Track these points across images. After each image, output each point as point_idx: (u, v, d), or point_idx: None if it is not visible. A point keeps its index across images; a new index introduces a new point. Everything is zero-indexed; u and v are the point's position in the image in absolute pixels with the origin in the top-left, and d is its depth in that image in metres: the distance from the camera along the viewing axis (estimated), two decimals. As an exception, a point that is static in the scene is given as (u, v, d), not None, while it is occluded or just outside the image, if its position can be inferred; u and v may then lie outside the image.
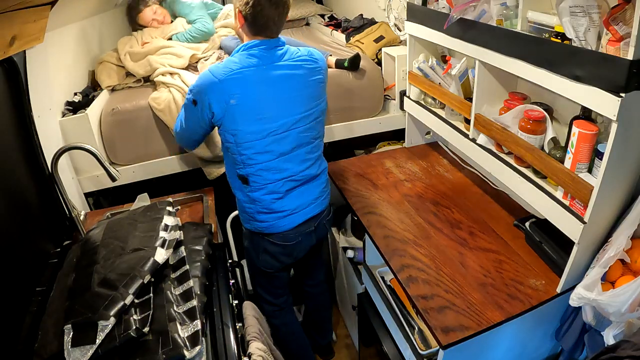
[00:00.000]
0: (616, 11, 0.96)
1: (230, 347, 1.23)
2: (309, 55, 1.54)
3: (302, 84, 1.49)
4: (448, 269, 1.44)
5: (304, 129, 1.53)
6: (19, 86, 1.50)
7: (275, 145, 1.48)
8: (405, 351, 1.49)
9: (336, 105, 2.10)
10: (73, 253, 1.40)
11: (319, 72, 1.55)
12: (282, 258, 1.70)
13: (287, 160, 1.53)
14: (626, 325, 1.06)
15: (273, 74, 1.42)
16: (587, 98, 1.05)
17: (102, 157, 1.55)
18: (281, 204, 1.57)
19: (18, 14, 1.27)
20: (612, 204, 1.16)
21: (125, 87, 2.13)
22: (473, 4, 1.42)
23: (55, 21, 1.60)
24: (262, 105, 1.42)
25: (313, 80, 1.53)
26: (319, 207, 1.67)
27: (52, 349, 1.06)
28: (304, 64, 1.50)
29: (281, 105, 1.45)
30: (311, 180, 1.62)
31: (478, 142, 1.55)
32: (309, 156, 1.59)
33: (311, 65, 1.52)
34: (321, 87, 1.57)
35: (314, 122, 1.56)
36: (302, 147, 1.55)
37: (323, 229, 1.75)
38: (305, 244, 1.71)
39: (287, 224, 1.61)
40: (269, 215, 1.58)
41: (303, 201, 1.61)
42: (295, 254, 1.72)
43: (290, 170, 1.54)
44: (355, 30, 2.49)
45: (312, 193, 1.64)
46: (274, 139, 1.47)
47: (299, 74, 1.48)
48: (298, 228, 1.63)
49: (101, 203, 2.10)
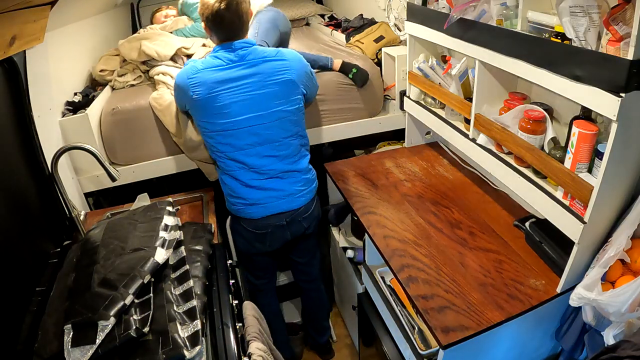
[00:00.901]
0: (616, 11, 0.96)
1: (230, 347, 1.23)
2: (276, 54, 1.58)
3: (262, 84, 1.55)
4: (448, 269, 1.44)
5: (263, 127, 1.58)
6: (19, 86, 1.50)
7: (233, 139, 1.59)
8: (405, 351, 1.49)
9: (336, 105, 2.10)
10: (73, 253, 1.40)
11: (286, 71, 1.57)
12: (256, 244, 1.79)
13: (246, 155, 1.62)
14: (626, 325, 1.06)
15: (233, 73, 1.52)
16: (587, 98, 1.05)
17: (102, 157, 1.56)
18: (246, 192, 1.66)
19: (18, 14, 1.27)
20: (612, 204, 1.16)
21: (126, 87, 2.13)
22: (473, 4, 1.42)
23: (55, 21, 1.60)
24: (219, 102, 1.53)
25: (277, 80, 1.56)
26: (291, 203, 1.70)
27: (52, 349, 1.06)
28: (266, 63, 1.55)
29: (238, 103, 1.54)
30: (281, 175, 1.67)
31: (478, 142, 1.55)
32: (275, 153, 1.63)
33: (275, 65, 1.56)
34: (289, 87, 1.58)
35: (278, 121, 1.59)
36: (264, 145, 1.61)
37: (298, 225, 1.77)
38: (277, 236, 1.76)
39: (254, 212, 1.69)
40: (236, 199, 1.69)
41: (270, 194, 1.67)
42: (269, 243, 1.78)
43: (251, 164, 1.62)
44: (355, 30, 2.49)
45: (282, 188, 1.68)
46: (231, 133, 1.57)
47: (259, 73, 1.54)
48: (267, 219, 1.70)
49: (101, 203, 2.10)
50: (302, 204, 1.74)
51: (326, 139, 2.17)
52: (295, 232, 1.79)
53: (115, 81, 2.13)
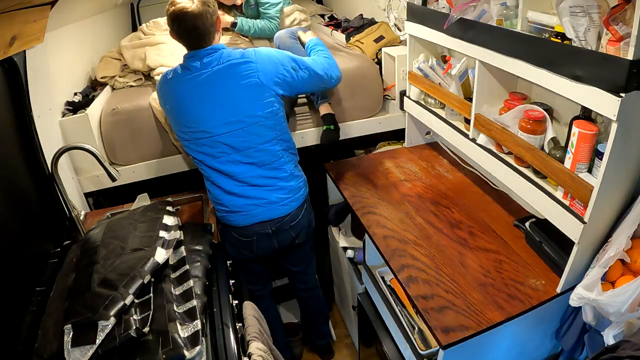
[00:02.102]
0: (616, 11, 0.96)
1: (230, 347, 1.23)
2: (241, 56, 1.50)
3: (227, 90, 1.49)
4: (448, 269, 1.44)
5: (235, 135, 1.53)
6: (19, 86, 1.49)
7: (206, 148, 1.56)
8: (405, 351, 1.49)
9: (336, 105, 2.09)
10: (73, 253, 1.40)
11: (252, 74, 1.49)
12: (243, 251, 1.76)
13: (221, 163, 1.58)
14: (626, 325, 1.06)
15: (199, 80, 1.49)
16: (587, 98, 1.05)
17: (102, 157, 1.56)
18: (228, 199, 1.64)
19: (18, 14, 1.27)
20: (612, 204, 1.16)
21: (126, 87, 2.13)
22: (473, 4, 1.42)
23: (55, 21, 1.60)
24: (188, 111, 1.52)
25: (243, 84, 1.49)
26: (273, 212, 1.66)
27: (52, 349, 1.06)
28: (231, 68, 1.49)
29: (204, 111, 1.51)
30: (260, 183, 1.61)
31: (478, 142, 1.55)
32: (250, 160, 1.58)
33: (240, 69, 1.49)
34: (257, 90, 1.51)
35: (250, 127, 1.53)
36: (239, 152, 1.56)
37: (285, 235, 1.73)
38: (264, 245, 1.73)
39: (236, 219, 1.66)
40: (219, 206, 1.68)
41: (250, 202, 1.63)
42: (256, 251, 1.75)
43: (227, 171, 1.59)
44: (355, 30, 2.49)
45: (263, 196, 1.63)
46: (203, 142, 1.55)
47: (224, 78, 1.48)
48: (251, 227, 1.67)
49: (101, 203, 2.10)
50: (286, 212, 1.68)
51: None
52: (283, 241, 1.75)
53: (116, 81, 2.13)
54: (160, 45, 2.12)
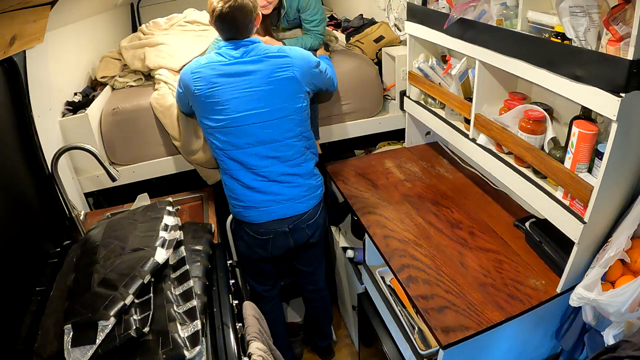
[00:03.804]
0: (616, 11, 0.96)
1: (230, 347, 1.23)
2: (277, 51, 1.55)
3: (262, 81, 1.53)
4: (448, 269, 1.44)
5: (263, 126, 1.56)
6: (19, 86, 1.49)
7: (232, 137, 1.57)
8: (405, 351, 1.49)
9: (336, 105, 2.09)
10: (73, 253, 1.40)
11: (288, 68, 1.54)
12: (257, 250, 1.76)
13: (245, 154, 1.59)
14: (626, 325, 1.06)
15: (233, 69, 1.52)
16: (587, 98, 1.05)
17: (102, 157, 1.55)
18: (245, 194, 1.63)
19: (18, 14, 1.27)
20: (612, 204, 1.16)
21: (126, 87, 2.13)
22: (473, 4, 1.42)
23: (55, 21, 1.60)
24: (219, 97, 1.53)
25: (278, 77, 1.53)
26: (291, 209, 1.66)
27: (52, 348, 1.06)
28: (268, 60, 1.53)
29: (237, 98, 1.53)
30: (281, 179, 1.63)
31: (478, 142, 1.55)
32: (275, 154, 1.60)
33: (277, 62, 1.53)
34: (291, 85, 1.55)
35: (279, 120, 1.56)
36: (265, 145, 1.58)
37: (302, 233, 1.73)
38: (280, 243, 1.73)
39: (254, 216, 1.66)
40: (236, 201, 1.67)
41: (269, 198, 1.63)
42: (271, 249, 1.74)
43: (250, 164, 1.59)
44: (355, 30, 2.48)
45: (282, 192, 1.64)
46: (229, 130, 1.56)
47: (260, 70, 1.52)
48: (269, 224, 1.67)
49: (101, 203, 2.10)
50: (304, 210, 1.69)
51: (326, 139, 2.16)
52: (299, 239, 1.75)
53: (116, 81, 2.13)
54: (159, 46, 2.12)
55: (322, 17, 2.05)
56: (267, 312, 1.94)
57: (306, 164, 1.67)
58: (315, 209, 1.73)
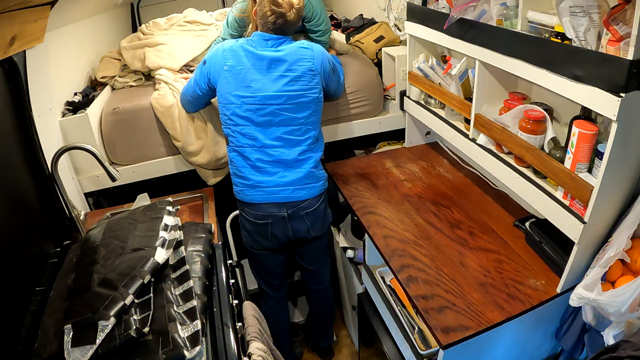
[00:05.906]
0: (616, 11, 0.96)
1: (230, 347, 1.23)
2: (300, 43, 1.69)
3: (287, 67, 1.64)
4: (448, 269, 1.44)
5: (282, 108, 1.64)
6: (19, 86, 1.49)
7: (251, 113, 1.65)
8: (405, 351, 1.49)
9: (336, 105, 2.09)
10: (73, 253, 1.40)
11: (310, 59, 1.66)
12: (257, 238, 1.79)
13: (260, 132, 1.66)
14: (626, 325, 1.06)
15: (263, 53, 1.64)
16: (587, 98, 1.05)
17: (102, 157, 1.55)
18: (250, 172, 1.69)
19: (18, 14, 1.27)
20: (612, 204, 1.16)
21: (126, 87, 2.13)
22: (473, 4, 1.42)
23: (55, 21, 1.60)
24: (247, 75, 1.64)
25: (301, 65, 1.65)
26: (292, 193, 1.70)
27: (52, 348, 1.06)
28: (293, 49, 1.65)
29: (263, 77, 1.63)
30: (287, 163, 1.68)
31: (478, 142, 1.55)
32: (289, 136, 1.67)
33: (300, 52, 1.66)
34: (310, 75, 1.65)
35: (296, 105, 1.65)
36: (279, 126, 1.66)
37: (300, 221, 1.75)
38: (278, 230, 1.75)
39: (254, 195, 1.71)
40: (239, 179, 1.73)
41: (271, 179, 1.68)
42: (270, 237, 1.76)
43: (262, 142, 1.67)
44: (355, 30, 2.48)
45: (285, 176, 1.69)
46: (250, 107, 1.64)
47: (285, 57, 1.64)
48: (268, 207, 1.71)
49: (101, 203, 2.10)
50: (304, 197, 1.71)
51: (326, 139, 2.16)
52: (297, 228, 1.76)
53: (116, 81, 2.13)
54: (159, 46, 2.12)
55: (326, 27, 2.08)
56: (272, 313, 1.95)
57: (314, 154, 1.73)
58: (315, 199, 1.74)
